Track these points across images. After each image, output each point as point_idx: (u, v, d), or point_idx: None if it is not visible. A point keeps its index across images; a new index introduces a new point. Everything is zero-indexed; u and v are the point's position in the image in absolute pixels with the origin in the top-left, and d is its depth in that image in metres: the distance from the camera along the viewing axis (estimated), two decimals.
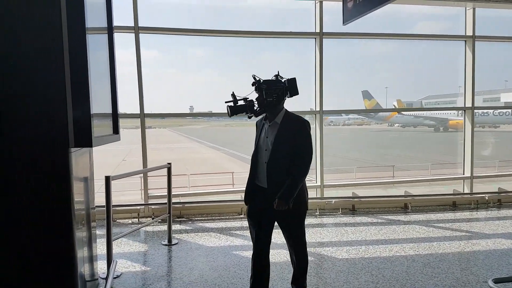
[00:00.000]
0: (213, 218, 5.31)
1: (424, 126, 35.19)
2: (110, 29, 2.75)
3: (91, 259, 3.01)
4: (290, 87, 2.65)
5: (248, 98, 2.69)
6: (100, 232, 4.09)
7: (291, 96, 2.66)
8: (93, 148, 2.55)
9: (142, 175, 5.73)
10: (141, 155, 5.48)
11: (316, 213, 5.55)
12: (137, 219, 5.20)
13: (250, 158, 2.76)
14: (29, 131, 2.02)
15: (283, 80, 2.67)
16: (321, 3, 5.92)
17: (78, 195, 2.39)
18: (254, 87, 2.64)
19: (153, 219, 4.99)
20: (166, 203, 4.42)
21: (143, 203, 5.50)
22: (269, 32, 6.14)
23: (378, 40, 6.65)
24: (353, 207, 5.79)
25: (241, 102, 2.66)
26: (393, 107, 28.01)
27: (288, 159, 2.57)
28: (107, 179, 3.40)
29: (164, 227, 4.72)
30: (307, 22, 6.18)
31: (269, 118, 2.69)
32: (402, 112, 34.73)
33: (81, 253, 2.60)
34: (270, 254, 2.78)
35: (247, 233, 4.63)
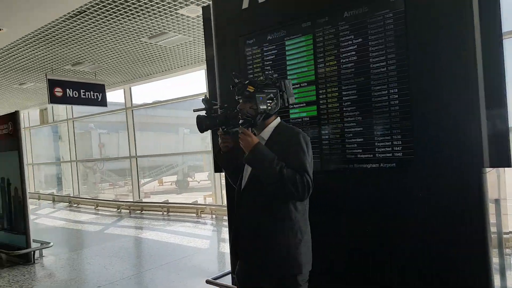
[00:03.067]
0: None
1: None
2: None
3: None
4: (288, 91, 1.97)
5: (227, 106, 2.04)
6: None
7: (289, 104, 1.99)
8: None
9: None
10: None
11: None
12: None
13: None
14: (442, 153, 2.04)
15: (272, 80, 1.95)
16: None
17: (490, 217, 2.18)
18: (235, 91, 1.95)
19: None
20: None
21: None
22: None
23: None
24: None
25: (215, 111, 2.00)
26: None
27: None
28: None
29: None
30: None
31: (256, 133, 2.01)
32: None
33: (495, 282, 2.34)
34: None
35: None
